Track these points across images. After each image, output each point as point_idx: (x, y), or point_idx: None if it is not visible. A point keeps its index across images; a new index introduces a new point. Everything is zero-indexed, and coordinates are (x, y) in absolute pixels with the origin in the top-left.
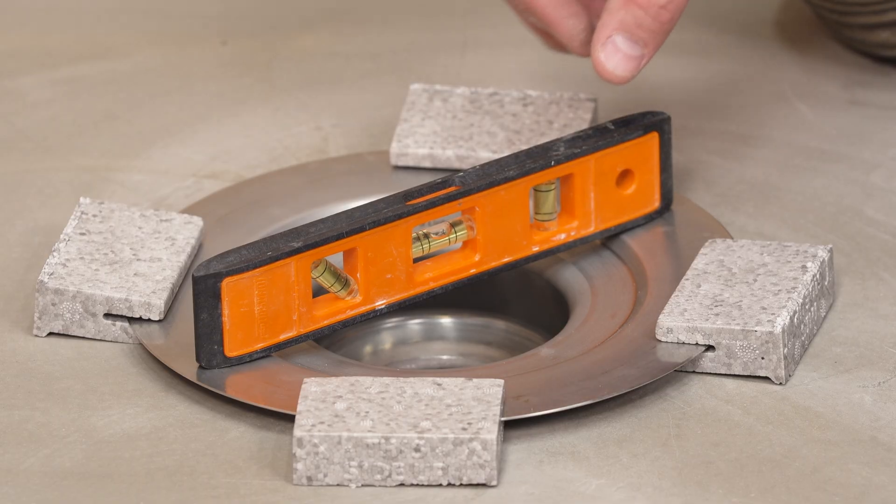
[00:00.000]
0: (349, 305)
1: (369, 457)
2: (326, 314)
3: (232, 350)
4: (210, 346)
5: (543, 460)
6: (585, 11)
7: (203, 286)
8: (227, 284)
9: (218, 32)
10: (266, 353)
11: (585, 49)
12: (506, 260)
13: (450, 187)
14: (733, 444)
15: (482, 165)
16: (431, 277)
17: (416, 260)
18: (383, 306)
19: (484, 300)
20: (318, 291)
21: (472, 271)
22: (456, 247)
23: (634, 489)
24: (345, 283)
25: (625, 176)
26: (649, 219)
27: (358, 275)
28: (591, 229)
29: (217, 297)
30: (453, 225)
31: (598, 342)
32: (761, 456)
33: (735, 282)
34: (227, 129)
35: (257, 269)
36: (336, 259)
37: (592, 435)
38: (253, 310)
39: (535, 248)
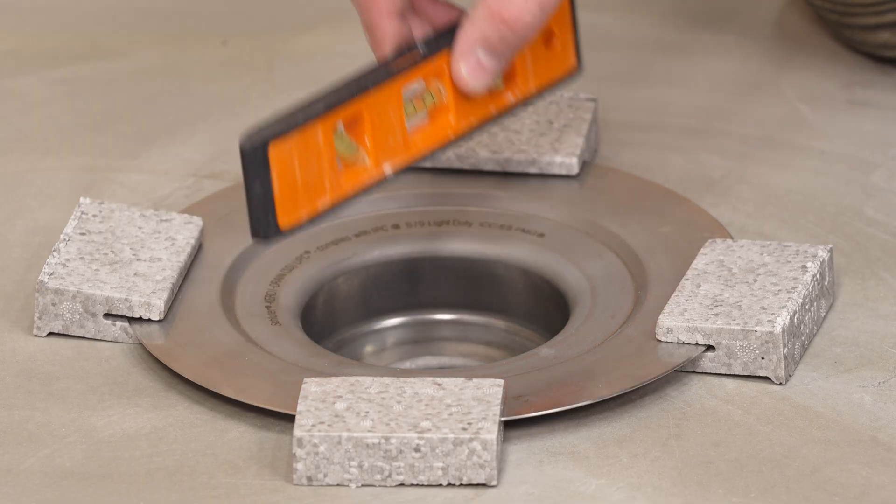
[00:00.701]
0: (364, 172)
1: (369, 457)
2: (349, 181)
3: (284, 220)
4: (266, 218)
5: (543, 460)
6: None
7: (252, 156)
8: (273, 150)
9: (218, 32)
10: (311, 223)
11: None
12: (473, 122)
13: (417, 52)
14: (733, 444)
15: (436, 37)
16: (421, 139)
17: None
18: (391, 173)
19: (484, 300)
20: None
21: (450, 134)
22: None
23: (634, 489)
24: (356, 149)
25: (549, 37)
26: (572, 79)
27: (367, 139)
28: (532, 88)
29: (266, 165)
30: (422, 96)
31: (598, 342)
32: (761, 456)
33: (735, 282)
34: (227, 129)
35: (295, 132)
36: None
37: (592, 435)
38: (295, 177)
39: (493, 110)
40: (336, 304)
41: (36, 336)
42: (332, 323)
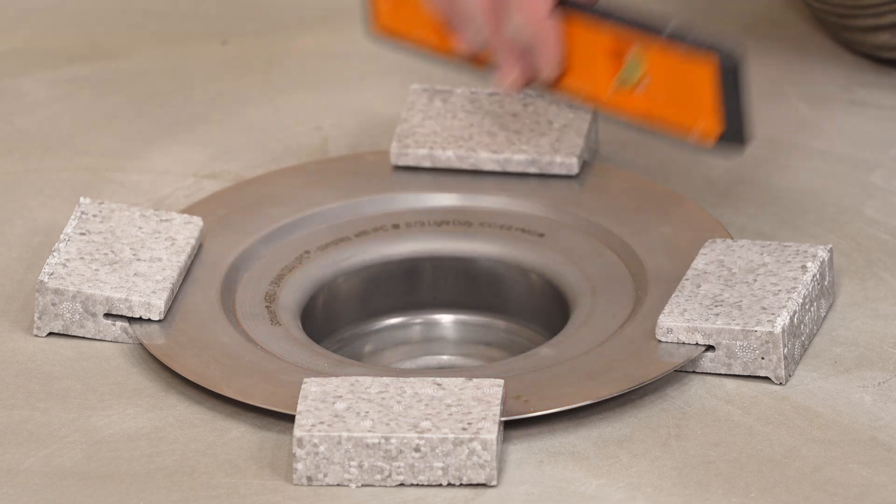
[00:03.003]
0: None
1: (369, 457)
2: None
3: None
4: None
5: (543, 460)
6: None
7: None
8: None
9: (218, 32)
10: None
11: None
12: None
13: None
14: (733, 444)
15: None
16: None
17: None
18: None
19: (484, 300)
20: None
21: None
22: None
23: (634, 489)
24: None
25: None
26: (713, 149)
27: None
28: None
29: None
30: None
31: (598, 342)
32: (761, 456)
33: (735, 282)
34: (227, 129)
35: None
36: None
37: (592, 435)
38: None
39: (606, 97)
40: (336, 304)
41: (36, 336)
42: (332, 323)
